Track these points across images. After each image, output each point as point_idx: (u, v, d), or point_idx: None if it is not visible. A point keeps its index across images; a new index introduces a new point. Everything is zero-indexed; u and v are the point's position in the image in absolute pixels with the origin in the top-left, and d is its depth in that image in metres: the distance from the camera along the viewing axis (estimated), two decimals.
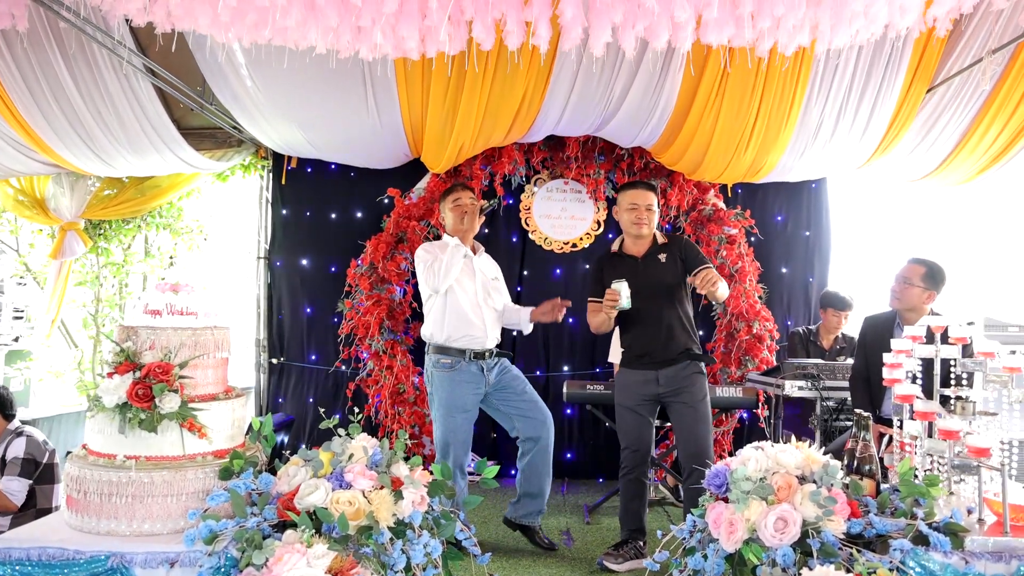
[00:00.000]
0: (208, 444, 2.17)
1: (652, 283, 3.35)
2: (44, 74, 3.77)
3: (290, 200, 5.43)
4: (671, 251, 3.41)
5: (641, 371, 3.36)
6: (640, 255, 3.42)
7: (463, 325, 3.51)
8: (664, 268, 3.38)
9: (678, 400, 3.31)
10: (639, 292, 3.27)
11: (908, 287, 3.37)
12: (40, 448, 3.37)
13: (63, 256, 5.20)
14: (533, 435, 3.49)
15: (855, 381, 3.61)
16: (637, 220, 3.38)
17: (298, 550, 1.85)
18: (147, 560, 1.93)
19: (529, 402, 3.54)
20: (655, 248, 3.43)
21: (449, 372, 3.51)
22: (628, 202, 3.41)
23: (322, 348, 5.34)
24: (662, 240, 3.46)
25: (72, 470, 2.09)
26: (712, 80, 3.97)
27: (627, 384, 3.41)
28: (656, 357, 3.33)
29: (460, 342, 3.51)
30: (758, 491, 2.09)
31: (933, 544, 1.92)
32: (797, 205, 5.48)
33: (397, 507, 2.12)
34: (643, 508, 3.39)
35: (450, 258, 3.46)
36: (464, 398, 3.48)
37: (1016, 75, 3.74)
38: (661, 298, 3.35)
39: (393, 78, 3.98)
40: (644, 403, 3.36)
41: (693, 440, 3.27)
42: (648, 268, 3.39)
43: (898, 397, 2.35)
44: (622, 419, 3.41)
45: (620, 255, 3.47)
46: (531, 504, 3.52)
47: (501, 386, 3.56)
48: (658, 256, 3.40)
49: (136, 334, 2.17)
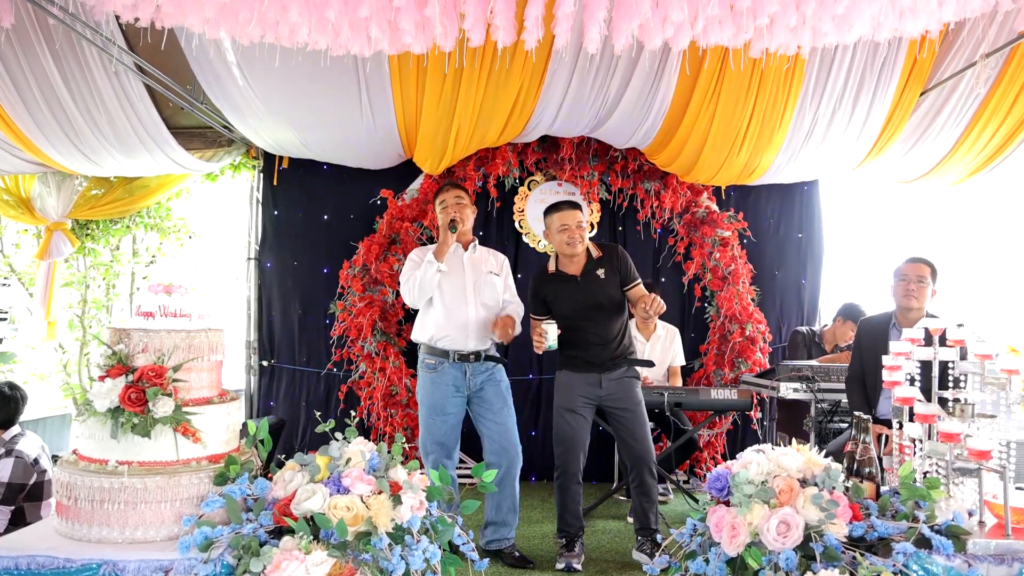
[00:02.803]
0: (203, 449, 2.12)
1: (595, 300, 3.39)
2: (32, 71, 3.71)
3: (281, 201, 5.38)
4: (608, 264, 3.44)
5: (585, 374, 3.41)
6: (578, 273, 3.44)
7: (445, 325, 3.46)
8: (604, 283, 3.41)
9: (619, 406, 3.41)
10: (583, 310, 3.36)
11: (924, 287, 3.37)
12: (27, 471, 3.17)
13: (50, 257, 5.12)
14: (493, 461, 3.42)
15: (851, 383, 3.61)
16: (570, 240, 3.39)
17: (296, 557, 1.82)
18: (140, 568, 1.88)
19: (499, 426, 3.44)
20: (591, 264, 3.45)
21: (432, 373, 3.48)
22: (558, 224, 3.41)
23: (313, 350, 5.29)
24: (596, 253, 3.48)
25: (62, 476, 2.03)
26: (708, 79, 3.97)
27: (571, 385, 3.43)
28: (603, 366, 3.40)
29: (443, 343, 3.47)
30: (760, 494, 2.08)
31: (936, 547, 1.91)
32: (789, 207, 5.50)
33: (396, 512, 2.09)
34: (580, 505, 3.46)
35: (423, 275, 3.40)
36: (444, 401, 3.43)
37: (1011, 78, 3.76)
38: (605, 313, 3.40)
39: (387, 76, 3.94)
40: (587, 406, 3.42)
41: (637, 442, 3.39)
42: (588, 286, 3.41)
43: (898, 399, 2.35)
44: (561, 421, 3.41)
45: (558, 274, 3.48)
46: (496, 531, 3.46)
47: (481, 397, 3.48)
48: (596, 272, 3.42)
49: (128, 336, 2.13)
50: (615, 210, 5.30)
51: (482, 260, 3.61)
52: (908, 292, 3.39)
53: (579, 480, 3.42)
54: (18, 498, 3.16)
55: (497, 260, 3.69)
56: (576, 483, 3.41)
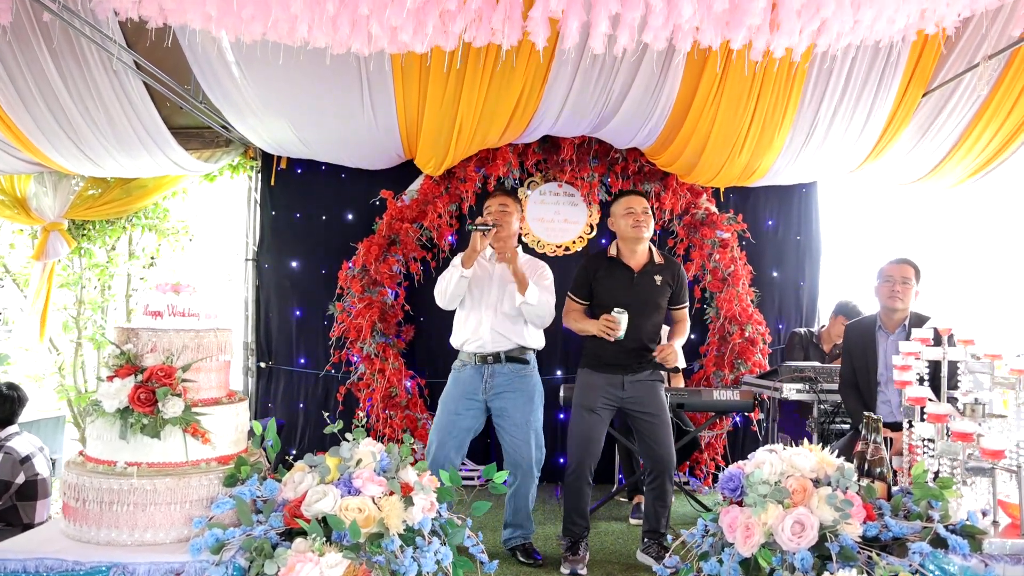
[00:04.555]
0: (212, 450, 2.10)
1: (643, 300, 3.35)
2: (30, 69, 3.66)
3: (279, 201, 5.34)
4: (667, 275, 3.41)
5: (608, 375, 3.37)
6: (637, 268, 3.40)
7: (466, 331, 3.51)
8: (658, 290, 3.39)
9: (643, 409, 3.36)
10: (628, 306, 3.28)
11: (908, 287, 3.38)
12: (14, 469, 3.12)
13: (46, 258, 5.06)
14: (511, 470, 3.43)
15: (845, 388, 3.60)
16: (636, 223, 3.35)
17: (310, 559, 1.79)
18: (150, 571, 1.86)
19: (513, 438, 3.42)
20: (651, 266, 3.41)
21: (455, 374, 3.55)
22: (624, 207, 3.38)
23: (311, 352, 5.26)
24: (659, 260, 3.44)
25: (70, 478, 2.01)
26: (712, 79, 3.96)
27: (593, 385, 3.38)
28: (627, 368, 3.36)
29: (466, 346, 3.51)
30: (774, 495, 2.07)
31: (951, 547, 1.92)
32: (788, 209, 5.51)
33: (407, 514, 2.07)
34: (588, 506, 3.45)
35: (449, 278, 3.42)
36: (455, 400, 3.47)
37: (1012, 79, 3.78)
38: (646, 317, 3.36)
39: (390, 74, 3.91)
40: (607, 407, 3.38)
41: (661, 447, 3.34)
42: (643, 284, 3.38)
43: (909, 400, 2.35)
44: (579, 420, 3.38)
45: (615, 261, 3.43)
46: (513, 532, 3.53)
47: (500, 405, 3.44)
48: (654, 276, 3.39)
49: (137, 336, 2.10)
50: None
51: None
52: (893, 293, 3.40)
53: (590, 481, 3.40)
54: (4, 496, 3.12)
55: (537, 270, 3.58)
56: (587, 484, 3.39)
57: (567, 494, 3.43)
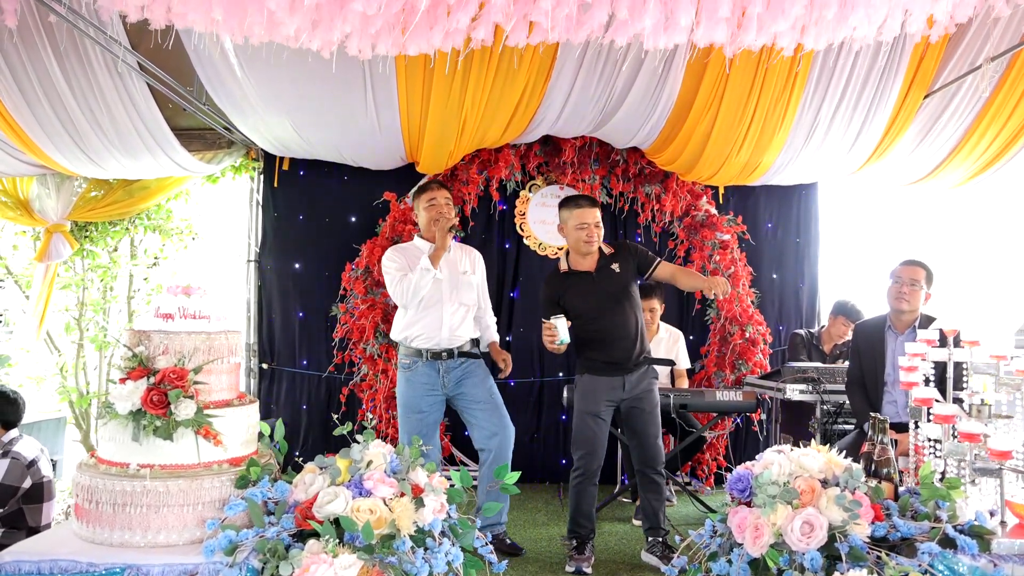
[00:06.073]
0: (224, 452, 2.11)
1: (610, 294, 3.38)
2: (35, 71, 3.66)
3: (282, 203, 5.34)
4: (621, 257, 3.43)
5: (609, 377, 3.39)
6: (593, 269, 3.42)
7: (418, 324, 3.48)
8: (619, 277, 3.41)
9: (638, 406, 3.42)
10: (600, 304, 3.33)
11: (917, 290, 3.40)
12: (21, 474, 3.12)
13: (49, 259, 5.05)
14: (483, 446, 3.47)
15: (851, 387, 3.63)
16: (588, 238, 3.37)
17: (324, 560, 1.80)
18: (164, 572, 1.86)
19: (484, 411, 3.47)
20: (604, 259, 3.43)
21: (406, 373, 3.52)
22: (577, 221, 3.38)
23: (314, 353, 5.26)
24: (608, 250, 3.46)
25: (82, 480, 2.01)
26: (713, 77, 3.97)
27: (595, 390, 3.40)
28: (626, 365, 3.39)
29: (416, 342, 3.49)
30: (784, 495, 2.09)
31: (960, 547, 1.93)
32: (787, 211, 5.53)
33: (418, 515, 2.08)
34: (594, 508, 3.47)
35: (419, 279, 3.41)
36: (417, 400, 3.47)
37: (1013, 80, 3.80)
38: (621, 307, 3.39)
39: (393, 74, 3.92)
40: (608, 408, 3.41)
41: (651, 441, 3.42)
42: (603, 280, 3.40)
43: (916, 400, 2.37)
44: (584, 425, 3.40)
45: (571, 273, 3.46)
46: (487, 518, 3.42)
47: (460, 392, 3.51)
48: (611, 267, 3.41)
49: (148, 338, 2.11)
50: (616, 214, 5.31)
51: (457, 260, 3.60)
52: (900, 295, 3.43)
53: (596, 482, 3.42)
54: (10, 500, 3.12)
55: (471, 258, 3.68)
56: (593, 485, 3.41)
57: (574, 496, 3.44)
